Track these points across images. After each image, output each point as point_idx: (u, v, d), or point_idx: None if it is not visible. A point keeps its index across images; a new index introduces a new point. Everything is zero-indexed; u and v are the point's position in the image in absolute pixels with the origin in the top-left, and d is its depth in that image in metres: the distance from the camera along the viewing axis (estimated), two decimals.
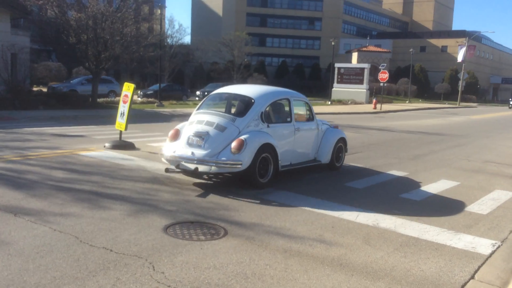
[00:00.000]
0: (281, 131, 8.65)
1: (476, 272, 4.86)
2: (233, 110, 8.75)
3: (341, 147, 10.27)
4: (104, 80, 31.84)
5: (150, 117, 21.85)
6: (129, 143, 11.76)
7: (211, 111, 8.57)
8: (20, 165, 8.87)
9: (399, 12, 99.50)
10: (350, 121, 24.69)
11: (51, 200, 6.59)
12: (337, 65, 49.97)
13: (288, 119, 8.97)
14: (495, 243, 5.80)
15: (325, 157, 9.78)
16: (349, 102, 43.65)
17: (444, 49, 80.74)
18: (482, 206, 7.67)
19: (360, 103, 44.29)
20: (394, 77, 65.53)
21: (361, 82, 47.09)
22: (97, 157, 10.16)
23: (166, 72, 50.05)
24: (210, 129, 7.96)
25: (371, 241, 5.64)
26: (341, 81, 48.32)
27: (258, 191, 7.70)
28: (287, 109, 9.06)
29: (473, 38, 71.62)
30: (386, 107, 40.57)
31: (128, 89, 11.51)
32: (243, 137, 7.75)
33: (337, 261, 4.94)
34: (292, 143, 8.89)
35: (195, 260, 4.72)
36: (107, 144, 11.56)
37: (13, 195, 6.75)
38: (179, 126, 8.70)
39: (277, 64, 76.97)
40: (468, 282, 4.61)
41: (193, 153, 7.82)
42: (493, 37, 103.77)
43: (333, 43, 52.28)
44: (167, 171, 7.98)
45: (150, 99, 32.51)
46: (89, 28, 23.84)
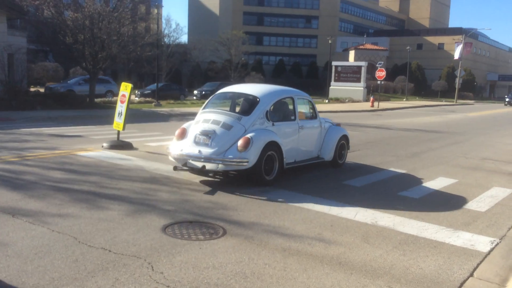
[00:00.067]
0: (285, 129, 8.78)
1: (475, 269, 4.87)
2: (238, 109, 8.86)
3: (343, 144, 10.41)
4: (101, 80, 31.75)
5: (147, 117, 21.82)
6: (127, 143, 11.74)
7: (217, 110, 8.68)
8: (18, 166, 8.85)
9: (396, 9, 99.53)
10: (348, 119, 24.70)
11: (49, 200, 6.58)
12: (334, 63, 50.01)
13: (292, 117, 9.09)
14: (494, 240, 5.81)
15: (328, 155, 9.92)
16: (347, 100, 43.67)
17: (440, 46, 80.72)
18: (480, 203, 7.69)
19: (358, 101, 44.32)
20: (391, 75, 65.54)
21: (358, 80, 47.11)
22: (95, 157, 10.15)
23: (163, 72, 49.96)
24: (217, 128, 8.08)
25: (370, 239, 5.64)
26: (338, 79, 48.34)
27: (256, 190, 7.70)
28: (291, 107, 9.18)
29: (470, 35, 71.68)
30: (384, 105, 40.62)
31: (125, 89, 11.50)
32: (249, 135, 7.87)
33: (336, 259, 4.94)
34: (296, 141, 9.04)
35: (194, 260, 4.72)
36: (105, 144, 11.54)
37: (11, 196, 6.73)
38: (186, 125, 8.81)
39: (274, 62, 76.86)
40: (467, 280, 4.61)
41: (200, 151, 7.93)
42: (489, 34, 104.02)
43: (330, 41, 52.20)
44: (175, 169, 8.11)
45: (147, 98, 32.48)
46: (86, 28, 23.79)
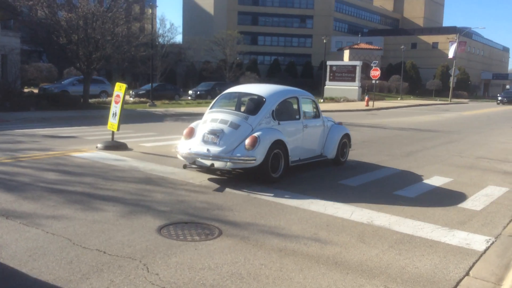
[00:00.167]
0: (290, 128, 9.03)
1: (471, 268, 4.87)
2: (244, 109, 9.10)
3: (345, 142, 10.72)
4: (95, 80, 31.66)
5: (142, 117, 21.75)
6: (122, 143, 11.69)
7: (224, 109, 8.97)
8: (12, 167, 8.79)
9: (390, 9, 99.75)
10: (343, 118, 24.65)
11: (43, 202, 6.54)
12: (329, 62, 50.06)
13: (297, 117, 9.34)
14: (489, 239, 5.81)
15: (331, 153, 10.19)
16: (342, 100, 43.71)
17: (435, 45, 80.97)
18: (476, 202, 7.70)
19: (353, 101, 44.37)
20: (385, 74, 65.72)
21: (353, 79, 47.16)
22: (89, 158, 10.09)
23: (158, 72, 49.90)
24: (225, 127, 8.32)
25: (365, 239, 5.64)
26: (333, 78, 48.37)
27: (252, 190, 7.69)
28: (295, 107, 9.45)
29: (464, 34, 71.96)
30: (378, 104, 40.69)
31: (120, 89, 11.45)
32: (256, 134, 8.10)
33: (332, 259, 4.93)
34: (300, 139, 9.29)
35: (189, 260, 4.70)
36: (99, 145, 11.48)
37: (5, 197, 6.68)
38: (193, 124, 9.06)
39: (269, 62, 76.85)
40: (463, 278, 4.61)
41: (208, 150, 8.15)
42: (483, 33, 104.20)
43: (324, 41, 52.42)
44: (185, 167, 8.43)
45: (142, 99, 32.38)
46: (79, 28, 23.68)
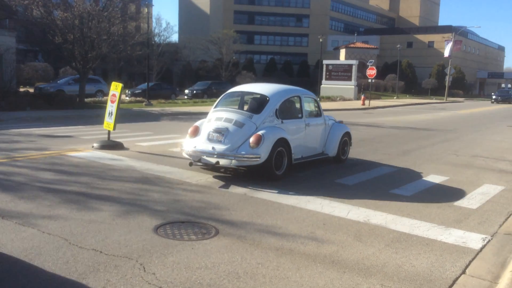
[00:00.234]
0: (293, 126, 9.21)
1: (467, 267, 4.88)
2: (247, 108, 9.24)
3: (346, 141, 10.92)
4: (91, 79, 31.53)
5: (138, 117, 21.70)
6: (118, 143, 11.66)
7: (228, 108, 9.19)
8: (7, 167, 8.75)
9: (386, 8, 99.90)
10: (339, 117, 24.54)
11: (39, 202, 6.51)
12: (325, 62, 50.07)
13: (299, 115, 9.53)
14: (485, 237, 5.83)
15: (332, 151, 10.36)
16: (338, 99, 43.73)
17: (430, 44, 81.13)
18: (472, 200, 7.73)
19: (349, 100, 44.39)
20: (381, 73, 65.76)
21: (349, 78, 47.18)
22: (85, 158, 10.07)
23: (154, 71, 49.81)
24: (229, 125, 8.50)
25: (362, 237, 5.64)
26: (329, 77, 48.40)
27: (249, 190, 7.69)
28: (298, 106, 9.64)
29: (459, 33, 72.12)
30: (375, 103, 40.75)
31: (116, 88, 11.42)
32: (260, 133, 8.28)
33: (329, 258, 4.93)
34: (303, 137, 9.46)
35: (186, 260, 4.69)
36: (95, 144, 11.45)
37: (0, 197, 6.65)
38: (198, 123, 9.23)
39: (265, 61, 76.90)
40: (459, 277, 4.62)
41: (213, 148, 8.33)
42: (479, 32, 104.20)
43: (321, 40, 52.42)
44: (191, 165, 8.47)
45: (138, 98, 32.27)
46: (75, 28, 23.59)
